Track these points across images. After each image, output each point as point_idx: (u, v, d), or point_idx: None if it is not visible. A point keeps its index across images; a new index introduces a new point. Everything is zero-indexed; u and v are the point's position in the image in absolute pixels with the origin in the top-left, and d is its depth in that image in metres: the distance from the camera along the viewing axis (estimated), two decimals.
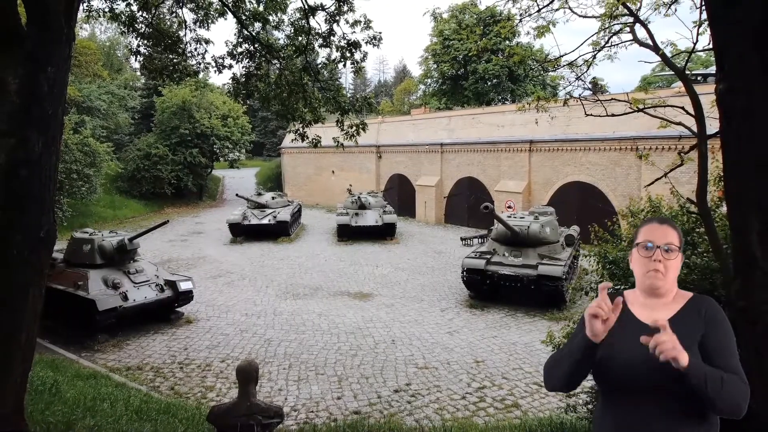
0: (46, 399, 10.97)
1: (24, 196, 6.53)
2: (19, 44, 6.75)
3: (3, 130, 6.59)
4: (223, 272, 30.85)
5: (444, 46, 69.72)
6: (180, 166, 61.35)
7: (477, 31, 17.31)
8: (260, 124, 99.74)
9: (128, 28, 14.91)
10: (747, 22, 5.34)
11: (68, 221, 39.00)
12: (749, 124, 5.32)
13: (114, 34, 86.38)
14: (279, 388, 15.54)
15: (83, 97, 55.43)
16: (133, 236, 21.92)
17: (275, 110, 17.47)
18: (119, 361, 17.70)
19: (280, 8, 15.73)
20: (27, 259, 6.57)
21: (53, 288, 18.92)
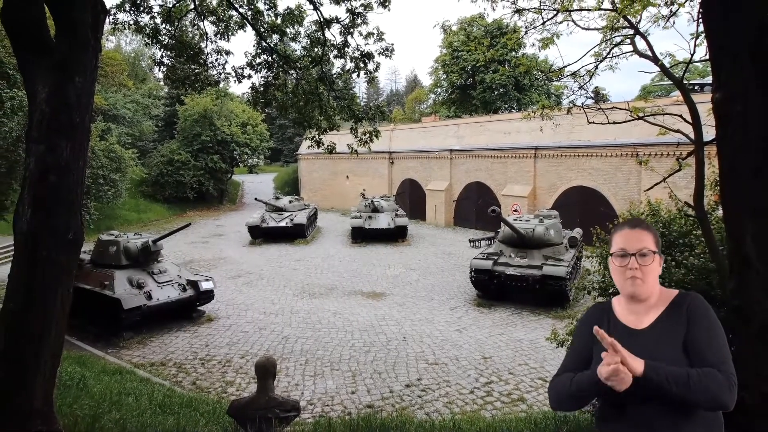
0: (74, 393, 11.00)
1: (53, 200, 6.55)
2: (49, 55, 6.79)
3: (33, 137, 6.63)
4: (242, 272, 30.92)
5: (453, 57, 69.67)
6: (201, 172, 61.55)
7: (485, 43, 17.25)
8: (278, 132, 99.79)
9: (152, 39, 14.95)
10: (742, 35, 5.35)
11: (95, 224, 39.10)
12: (744, 132, 5.32)
13: (138, 46, 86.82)
14: (296, 383, 15.57)
15: (109, 105, 55.68)
16: (157, 238, 22.01)
17: (292, 118, 17.49)
18: (143, 357, 17.76)
19: (297, 21, 15.75)
20: (56, 260, 6.59)
21: (81, 288, 19.06)
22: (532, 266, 22.95)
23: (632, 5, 9.89)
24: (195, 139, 62.27)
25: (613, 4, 10.35)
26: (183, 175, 59.72)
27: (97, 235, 26.25)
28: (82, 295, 19.13)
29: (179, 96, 66.16)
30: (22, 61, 7.03)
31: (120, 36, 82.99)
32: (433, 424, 10.70)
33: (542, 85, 67.15)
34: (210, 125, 62.36)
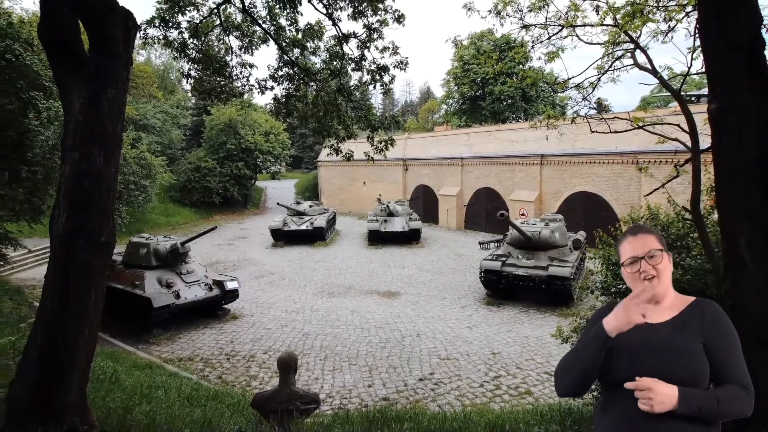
0: (107, 387, 11.04)
1: (87, 205, 6.58)
2: (83, 68, 6.83)
3: (68, 145, 6.66)
4: (265, 273, 31.00)
5: (464, 69, 69.54)
6: (227, 178, 61.76)
7: (494, 57, 17.23)
8: (299, 140, 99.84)
9: (180, 53, 15.00)
10: (736, 49, 5.35)
11: (126, 227, 39.21)
12: (738, 141, 5.32)
13: (168, 59, 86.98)
14: (316, 377, 15.59)
15: (140, 115, 55.93)
16: (185, 240, 22.11)
17: (312, 127, 17.48)
18: (172, 353, 17.83)
19: (317, 36, 15.76)
20: (89, 262, 6.62)
21: (113, 287, 19.23)
22: (539, 267, 22.98)
23: (633, 21, 9.90)
24: (221, 147, 62.56)
25: (614, 20, 10.36)
26: (209, 181, 59.97)
27: (128, 237, 26.35)
28: (115, 294, 19.34)
29: (206, 106, 66.40)
30: (58, 73, 7.08)
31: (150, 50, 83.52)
32: (444, 415, 10.70)
33: (548, 96, 67.16)
34: (235, 134, 62.55)
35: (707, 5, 5.77)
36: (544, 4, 11.01)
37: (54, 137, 21.81)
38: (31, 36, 20.05)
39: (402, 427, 8.44)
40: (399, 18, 14.22)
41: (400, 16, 14.22)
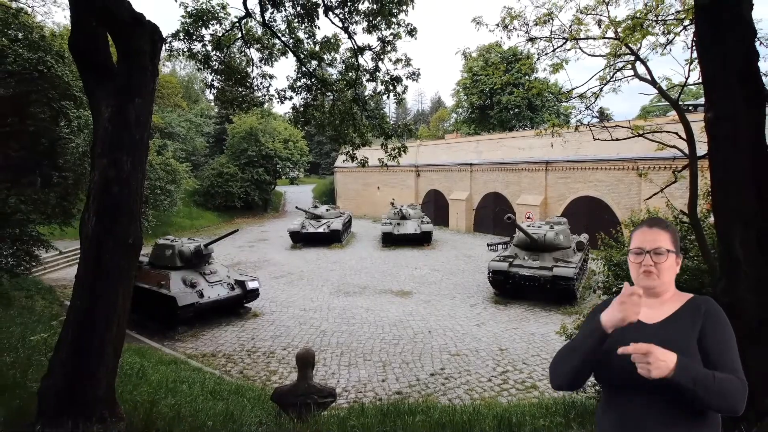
0: (134, 381, 11.06)
1: (115, 209, 6.60)
2: (112, 79, 6.87)
3: (98, 152, 6.69)
4: (284, 273, 31.02)
5: (473, 80, 69.40)
6: (248, 183, 62.06)
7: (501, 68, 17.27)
8: (316, 147, 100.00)
9: (204, 65, 15.07)
10: (731, 60, 5.35)
11: (153, 230, 39.32)
12: (733, 148, 5.33)
13: (192, 70, 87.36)
14: (332, 372, 15.60)
15: (165, 124, 56.07)
16: (208, 242, 22.18)
17: (329, 135, 17.51)
18: (196, 349, 17.88)
19: (334, 48, 15.79)
20: (117, 263, 6.64)
21: (140, 287, 19.32)
22: (544, 268, 22.97)
23: (633, 34, 9.92)
24: (242, 154, 62.86)
25: (616, 33, 10.36)
26: (231, 186, 60.17)
27: (154, 239, 26.42)
28: (141, 293, 19.43)
29: (228, 115, 66.65)
30: (87, 84, 7.11)
31: (175, 61, 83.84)
32: (454, 408, 10.68)
33: (553, 105, 66.95)
34: (255, 141, 62.83)
35: (704, 19, 5.77)
36: (549, 19, 11.02)
37: (84, 144, 21.92)
38: (62, 48, 20.18)
39: (414, 419, 8.44)
40: (411, 31, 14.22)
41: (413, 29, 14.22)
